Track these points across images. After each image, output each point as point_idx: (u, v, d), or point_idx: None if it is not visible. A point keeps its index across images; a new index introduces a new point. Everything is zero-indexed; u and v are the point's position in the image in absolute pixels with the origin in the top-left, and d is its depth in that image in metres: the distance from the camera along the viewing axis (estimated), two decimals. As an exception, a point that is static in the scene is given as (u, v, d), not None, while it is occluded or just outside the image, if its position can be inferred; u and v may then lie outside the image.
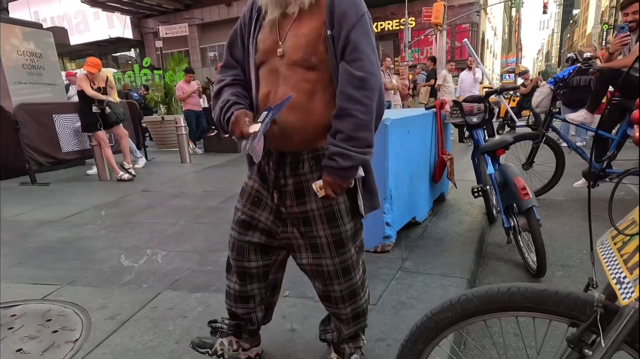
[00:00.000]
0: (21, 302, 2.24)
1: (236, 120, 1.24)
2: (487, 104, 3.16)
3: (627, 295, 0.75)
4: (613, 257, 0.86)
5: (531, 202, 2.25)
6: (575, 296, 0.90)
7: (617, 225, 0.94)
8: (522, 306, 0.94)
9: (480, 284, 2.47)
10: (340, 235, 1.37)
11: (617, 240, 0.88)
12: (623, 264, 0.81)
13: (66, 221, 3.77)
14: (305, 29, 1.23)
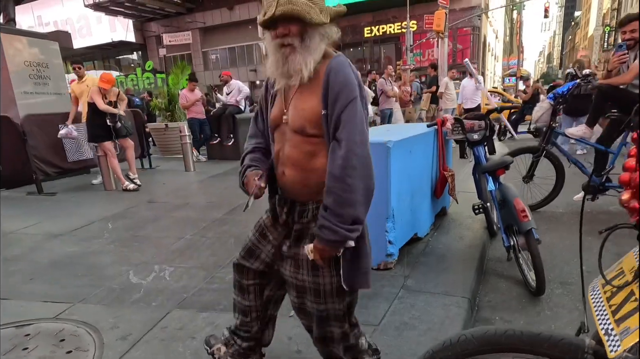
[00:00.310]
0: (34, 321, 2.31)
1: (247, 181, 1.49)
2: (487, 121, 3.21)
3: (613, 348, 0.81)
4: (602, 306, 0.92)
5: (530, 224, 2.31)
6: (567, 341, 0.95)
7: (606, 271, 1.01)
8: (518, 348, 1.00)
9: (481, 302, 2.53)
10: (323, 312, 1.47)
11: (607, 289, 0.94)
12: (611, 315, 0.87)
13: (74, 235, 3.84)
14: (305, 103, 1.36)
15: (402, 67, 20.83)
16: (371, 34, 26.95)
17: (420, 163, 3.11)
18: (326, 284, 1.44)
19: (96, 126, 5.43)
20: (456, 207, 3.87)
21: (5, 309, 2.47)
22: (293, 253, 1.49)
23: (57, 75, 7.16)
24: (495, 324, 2.28)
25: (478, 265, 2.82)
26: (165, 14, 29.50)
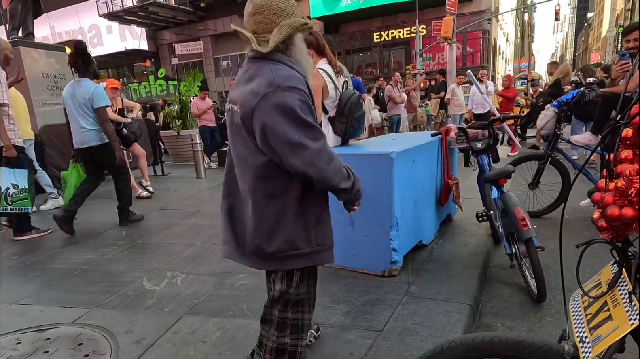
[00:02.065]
0: (54, 325, 2.43)
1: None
2: (491, 131, 3.27)
3: (586, 355, 0.88)
4: (580, 315, 0.99)
5: (530, 233, 2.36)
6: (548, 347, 1.02)
7: (587, 283, 1.07)
8: (503, 354, 1.07)
9: (484, 308, 2.58)
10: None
11: (585, 299, 1.01)
12: (586, 323, 0.94)
13: (91, 242, 3.99)
14: None
15: (412, 72, 20.91)
16: (380, 39, 27.06)
17: (424, 172, 3.18)
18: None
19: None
20: (461, 214, 3.92)
21: (26, 314, 2.60)
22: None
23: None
24: (497, 331, 2.33)
25: (481, 272, 2.87)
26: (177, 22, 30.03)
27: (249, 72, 1.40)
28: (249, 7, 1.39)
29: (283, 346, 1.60)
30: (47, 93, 6.87)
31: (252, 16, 1.39)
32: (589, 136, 3.82)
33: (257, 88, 1.32)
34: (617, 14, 49.48)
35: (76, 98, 4.10)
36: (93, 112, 4.11)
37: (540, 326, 2.35)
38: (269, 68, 1.35)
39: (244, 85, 1.38)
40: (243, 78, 1.41)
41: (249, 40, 1.37)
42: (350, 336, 2.14)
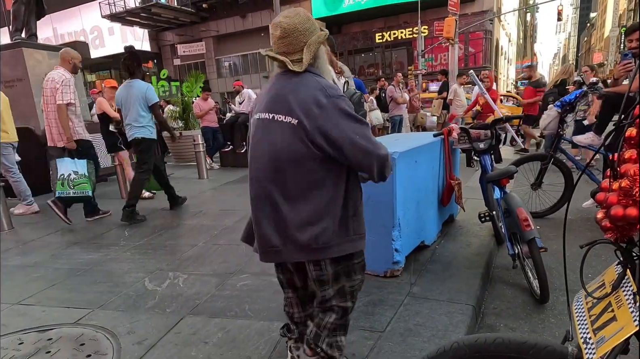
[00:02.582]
0: (56, 326, 2.43)
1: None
2: (493, 131, 3.26)
3: (590, 356, 0.87)
4: (583, 316, 0.98)
5: (532, 234, 2.35)
6: (551, 349, 1.02)
7: (590, 283, 1.07)
8: (506, 355, 1.06)
9: (486, 309, 2.57)
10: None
11: (589, 300, 1.00)
12: (590, 324, 0.93)
13: (93, 242, 3.99)
14: None
15: (414, 72, 20.90)
16: (382, 40, 27.06)
17: (426, 172, 3.17)
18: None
19: (107, 137, 5.63)
20: (464, 214, 3.91)
21: (29, 314, 2.61)
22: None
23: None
24: (500, 332, 2.32)
25: (484, 272, 2.86)
26: (179, 23, 30.11)
27: (292, 85, 1.54)
28: (277, 32, 1.54)
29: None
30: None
31: (281, 39, 1.54)
32: (591, 136, 3.81)
33: (313, 97, 1.49)
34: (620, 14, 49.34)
35: (130, 97, 4.51)
36: (146, 108, 4.52)
37: (543, 327, 2.34)
38: (313, 79, 1.55)
39: (291, 96, 1.51)
40: (286, 89, 1.54)
41: (284, 63, 1.53)
42: (353, 337, 2.13)
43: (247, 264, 3.19)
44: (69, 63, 4.57)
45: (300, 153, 1.51)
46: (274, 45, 1.59)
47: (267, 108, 1.58)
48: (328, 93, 1.50)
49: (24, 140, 5.86)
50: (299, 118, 1.48)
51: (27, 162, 5.96)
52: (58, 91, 4.35)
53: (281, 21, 1.54)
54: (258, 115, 1.61)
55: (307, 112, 1.48)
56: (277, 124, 1.53)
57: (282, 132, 1.52)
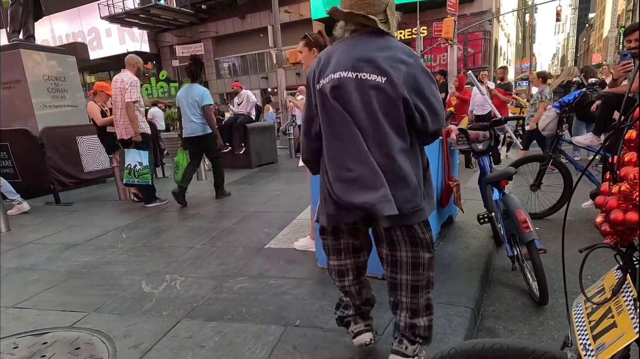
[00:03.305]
0: (51, 329, 2.41)
1: None
2: (492, 132, 3.25)
3: (589, 363, 0.85)
4: (583, 322, 0.96)
5: (531, 236, 2.34)
6: (550, 355, 1.00)
7: (590, 288, 1.05)
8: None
9: (485, 311, 2.55)
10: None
11: (588, 305, 0.98)
12: (590, 331, 0.91)
13: (90, 245, 3.97)
14: None
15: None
16: (382, 40, 27.03)
17: (424, 173, 3.15)
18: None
19: (106, 137, 5.60)
20: (463, 216, 3.90)
21: (24, 317, 2.59)
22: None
23: (74, 88, 7.41)
24: (499, 334, 2.30)
25: (483, 274, 2.84)
26: (178, 24, 30.10)
27: (376, 45, 1.56)
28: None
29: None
30: (48, 96, 6.87)
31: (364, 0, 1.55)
32: (590, 137, 3.79)
33: (401, 56, 1.53)
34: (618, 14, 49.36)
35: (189, 98, 5.09)
36: (201, 109, 5.11)
37: (543, 329, 2.32)
38: (395, 41, 1.60)
39: (378, 55, 1.52)
40: (371, 48, 1.54)
41: (371, 22, 1.54)
42: (350, 340, 2.11)
43: (245, 266, 3.17)
44: (134, 67, 5.15)
45: (389, 110, 1.54)
46: (348, 4, 1.57)
47: (348, 67, 1.55)
48: (412, 53, 1.57)
49: (21, 141, 5.85)
50: (388, 76, 1.50)
51: (25, 164, 5.95)
52: (127, 91, 4.87)
53: None
54: (336, 75, 1.56)
55: (396, 69, 1.50)
56: (366, 82, 1.53)
57: (373, 89, 1.53)
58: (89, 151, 6.51)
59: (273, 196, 5.55)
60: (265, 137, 8.78)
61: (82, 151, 6.42)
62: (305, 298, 2.59)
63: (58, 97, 7.04)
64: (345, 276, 1.89)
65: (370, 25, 1.57)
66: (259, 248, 3.56)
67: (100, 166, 6.69)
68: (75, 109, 7.29)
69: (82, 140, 6.39)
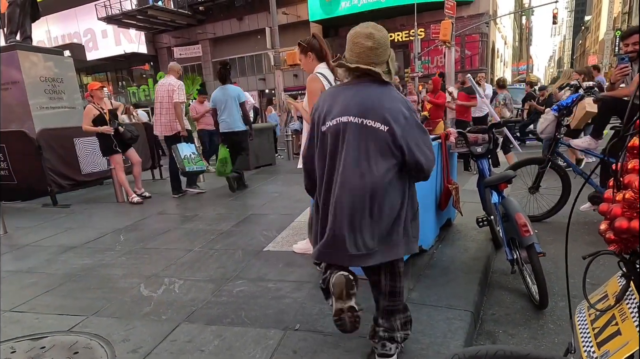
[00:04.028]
0: (49, 333, 2.40)
1: None
2: (491, 135, 3.26)
3: (594, 370, 0.85)
4: (587, 328, 0.96)
5: (531, 239, 2.34)
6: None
7: (592, 294, 1.05)
8: (508, 368, 1.04)
9: (485, 315, 2.55)
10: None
11: (592, 312, 0.99)
12: (594, 338, 0.91)
13: (88, 247, 3.95)
14: None
15: (411, 75, 20.94)
16: (379, 42, 27.06)
17: (424, 176, 3.16)
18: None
19: (102, 139, 5.56)
20: (461, 219, 3.90)
21: (21, 321, 2.57)
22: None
23: (71, 89, 7.38)
24: (499, 338, 2.30)
25: (482, 277, 2.85)
26: (176, 25, 30.05)
27: (377, 94, 1.70)
28: (368, 42, 1.68)
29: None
30: (45, 97, 6.84)
31: (373, 50, 1.69)
32: (589, 140, 3.81)
33: (403, 110, 1.68)
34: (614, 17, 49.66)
35: (225, 97, 5.64)
36: (238, 106, 5.68)
37: (543, 333, 2.32)
38: (396, 92, 1.75)
39: (381, 104, 1.67)
40: (373, 97, 1.69)
41: (376, 74, 1.69)
42: (351, 344, 2.11)
43: (244, 270, 3.16)
44: (177, 73, 5.81)
45: (387, 154, 1.68)
46: (355, 55, 1.71)
47: (354, 112, 1.68)
48: (409, 106, 1.73)
49: (18, 143, 5.82)
50: (389, 125, 1.65)
51: (22, 166, 5.91)
52: (175, 92, 5.50)
53: (372, 32, 1.69)
54: (343, 119, 1.69)
55: (397, 121, 1.65)
56: (369, 129, 1.66)
57: (374, 136, 1.66)
58: (87, 153, 6.48)
59: (272, 199, 5.54)
60: (264, 139, 8.76)
61: (80, 153, 6.38)
62: (305, 302, 2.58)
63: (55, 98, 7.01)
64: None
65: (375, 77, 1.70)
66: (257, 251, 3.55)
67: (97, 168, 6.65)
68: (72, 110, 7.26)
69: (80, 141, 6.36)
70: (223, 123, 5.73)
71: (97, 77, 34.56)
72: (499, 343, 2.27)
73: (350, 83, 1.78)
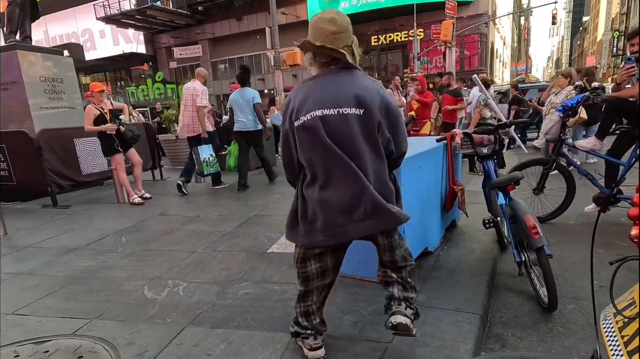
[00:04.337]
0: (53, 337, 2.36)
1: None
2: (497, 136, 3.23)
3: (626, 380, 0.83)
4: (614, 336, 0.93)
5: (541, 241, 2.31)
6: (580, 370, 0.97)
7: (618, 300, 1.02)
8: (531, 375, 1.02)
9: (493, 318, 2.53)
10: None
11: (619, 319, 0.96)
12: (623, 346, 0.89)
13: (89, 249, 3.92)
14: None
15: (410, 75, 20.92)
16: (378, 42, 27.09)
17: (429, 178, 3.14)
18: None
19: (104, 138, 5.52)
20: (466, 220, 3.88)
21: (24, 325, 2.53)
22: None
23: (71, 89, 7.34)
24: (508, 342, 2.28)
25: (489, 279, 2.82)
26: (175, 25, 29.99)
27: (349, 80, 1.75)
28: (332, 27, 1.70)
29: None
30: (45, 97, 6.80)
31: (337, 34, 1.71)
32: (593, 141, 3.79)
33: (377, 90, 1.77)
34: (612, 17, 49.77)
35: (242, 99, 6.04)
36: (252, 108, 6.03)
37: (552, 336, 2.30)
38: (363, 75, 1.80)
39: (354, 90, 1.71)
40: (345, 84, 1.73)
41: (341, 55, 1.72)
42: (359, 348, 2.09)
43: (248, 272, 3.13)
44: (203, 78, 6.25)
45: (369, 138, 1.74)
46: (320, 40, 1.70)
47: (329, 104, 1.71)
48: (381, 88, 1.80)
49: (18, 143, 5.78)
50: (365, 108, 1.70)
51: (22, 166, 5.87)
52: (198, 97, 5.92)
53: (335, 17, 1.72)
54: (317, 112, 1.71)
55: (373, 102, 1.71)
56: (348, 117, 1.70)
57: (353, 122, 1.70)
58: (87, 153, 6.44)
59: (273, 200, 5.51)
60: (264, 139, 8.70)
61: (80, 153, 6.34)
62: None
63: (55, 98, 6.97)
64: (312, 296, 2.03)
65: (340, 59, 1.74)
66: (261, 253, 3.52)
67: (98, 168, 6.61)
68: (72, 111, 7.21)
69: (80, 142, 6.32)
70: (238, 122, 6.09)
71: (95, 77, 34.46)
72: (508, 346, 2.24)
73: (319, 76, 1.80)
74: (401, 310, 1.93)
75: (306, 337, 2.00)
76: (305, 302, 2.01)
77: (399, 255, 1.97)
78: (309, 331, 2.00)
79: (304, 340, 2.01)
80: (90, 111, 5.41)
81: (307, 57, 1.82)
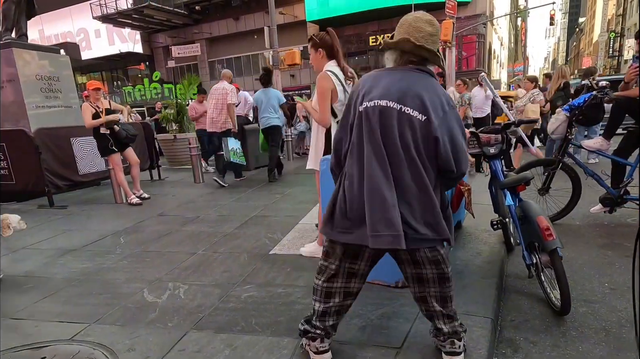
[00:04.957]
0: (50, 342, 2.28)
1: None
2: (504, 135, 3.18)
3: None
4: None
5: (555, 243, 2.25)
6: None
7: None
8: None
9: (503, 321, 2.47)
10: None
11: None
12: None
13: (87, 250, 3.83)
14: None
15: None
16: (376, 43, 27.05)
17: (436, 178, 3.07)
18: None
19: (99, 138, 5.43)
20: (471, 221, 3.82)
21: (20, 329, 2.45)
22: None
23: (68, 88, 7.24)
24: (521, 346, 2.21)
25: (498, 282, 2.76)
26: (172, 25, 29.82)
27: (421, 83, 1.68)
28: (430, 28, 1.71)
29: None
30: (41, 96, 6.70)
31: (433, 36, 1.72)
32: (600, 141, 3.74)
33: (441, 101, 1.67)
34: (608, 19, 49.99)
35: (267, 98, 6.58)
36: (279, 106, 6.66)
37: (566, 340, 2.24)
38: (437, 84, 1.74)
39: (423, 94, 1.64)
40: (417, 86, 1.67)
41: (437, 59, 1.73)
42: (368, 353, 2.02)
43: (250, 274, 3.06)
44: (229, 78, 6.78)
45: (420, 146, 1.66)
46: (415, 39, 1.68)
47: (394, 98, 1.66)
48: (449, 101, 1.72)
49: (17, 142, 5.68)
50: (428, 116, 1.63)
51: (22, 165, 5.77)
52: (228, 95, 6.41)
53: (432, 19, 1.73)
54: (381, 102, 1.67)
55: (436, 112, 1.64)
56: (406, 116, 1.64)
57: (410, 124, 1.64)
58: (84, 153, 6.34)
59: (274, 200, 5.44)
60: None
61: (77, 153, 6.24)
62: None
63: (51, 97, 6.86)
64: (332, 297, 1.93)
65: (432, 62, 1.75)
66: (263, 254, 3.45)
67: (95, 168, 6.52)
68: (68, 110, 7.11)
69: (77, 141, 6.22)
70: (263, 119, 6.63)
71: (92, 77, 34.26)
72: (521, 351, 2.18)
73: (394, 69, 1.76)
74: (456, 350, 1.90)
75: (314, 338, 1.93)
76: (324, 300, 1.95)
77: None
78: (318, 331, 1.93)
79: (311, 342, 1.94)
80: (87, 108, 5.32)
81: (392, 55, 1.77)
